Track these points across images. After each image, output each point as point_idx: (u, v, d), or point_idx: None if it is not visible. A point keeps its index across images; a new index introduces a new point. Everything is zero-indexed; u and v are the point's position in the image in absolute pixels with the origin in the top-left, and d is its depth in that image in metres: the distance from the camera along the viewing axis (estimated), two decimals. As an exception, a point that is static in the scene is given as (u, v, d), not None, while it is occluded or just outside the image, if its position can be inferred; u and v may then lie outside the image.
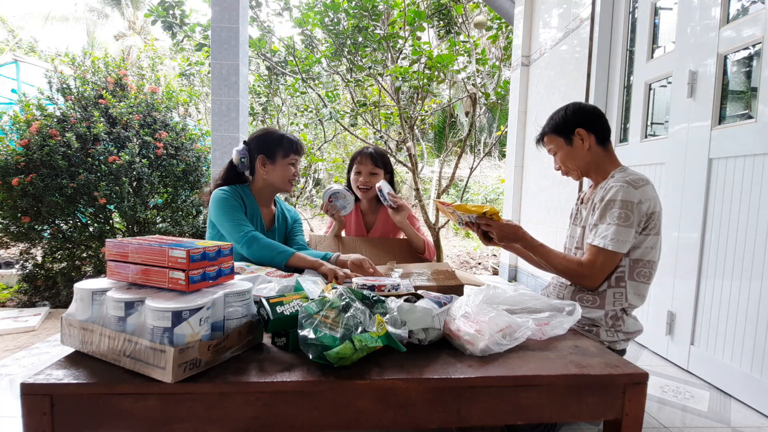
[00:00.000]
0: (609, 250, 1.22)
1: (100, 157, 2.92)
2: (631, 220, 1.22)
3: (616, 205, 1.23)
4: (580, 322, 1.30)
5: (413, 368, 0.83)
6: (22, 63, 5.62)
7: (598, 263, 1.25)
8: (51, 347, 2.09)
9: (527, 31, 3.78)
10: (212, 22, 3.12)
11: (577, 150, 1.38)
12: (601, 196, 1.31)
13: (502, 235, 1.35)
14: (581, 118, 1.37)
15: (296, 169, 1.69)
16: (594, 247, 1.25)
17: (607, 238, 1.22)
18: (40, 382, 0.74)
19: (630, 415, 0.84)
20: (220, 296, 0.84)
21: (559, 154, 1.42)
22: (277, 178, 1.66)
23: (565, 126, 1.38)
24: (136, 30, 15.87)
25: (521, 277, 3.91)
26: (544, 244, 1.34)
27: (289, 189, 1.71)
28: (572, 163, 1.40)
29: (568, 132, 1.38)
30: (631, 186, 1.24)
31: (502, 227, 1.34)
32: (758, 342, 1.58)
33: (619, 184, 1.26)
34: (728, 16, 1.80)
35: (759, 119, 1.61)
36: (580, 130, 1.36)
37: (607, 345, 1.28)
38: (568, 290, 1.37)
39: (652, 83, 2.30)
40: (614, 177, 1.33)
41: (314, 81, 5.03)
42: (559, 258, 1.32)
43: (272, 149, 1.63)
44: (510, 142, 4.04)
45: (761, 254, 1.57)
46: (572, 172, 1.43)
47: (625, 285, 1.28)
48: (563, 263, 1.31)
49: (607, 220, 1.24)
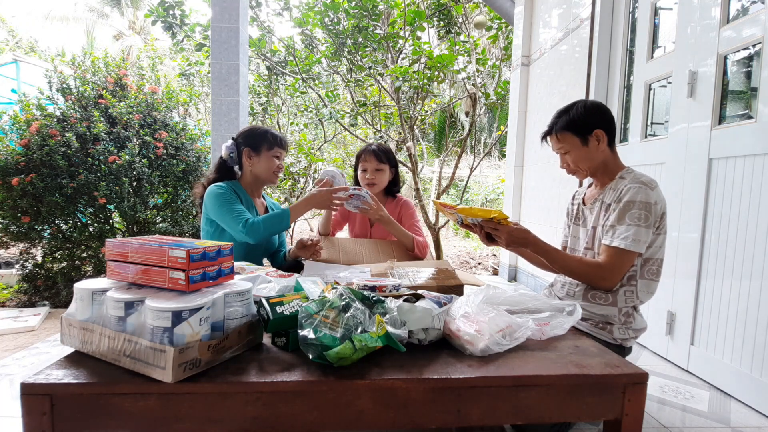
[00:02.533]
0: (630, 251, 1.22)
1: (100, 157, 2.92)
2: (650, 221, 1.22)
3: (636, 206, 1.23)
4: (593, 319, 1.30)
5: (413, 368, 0.83)
6: (22, 63, 5.62)
7: (618, 265, 1.23)
8: (51, 347, 2.09)
9: (527, 31, 3.78)
10: (212, 22, 3.12)
11: (592, 151, 1.34)
12: (615, 197, 1.29)
13: (511, 240, 1.29)
14: (600, 118, 1.33)
15: (280, 162, 1.77)
16: (614, 249, 1.23)
17: (628, 239, 1.21)
18: (40, 382, 0.74)
19: (630, 415, 0.84)
20: (220, 296, 0.84)
21: (571, 153, 1.36)
22: (262, 169, 1.73)
23: (584, 126, 1.32)
24: (136, 30, 15.87)
25: (521, 277, 3.91)
26: (556, 248, 1.32)
27: (274, 180, 1.78)
28: (584, 163, 1.35)
29: (585, 132, 1.32)
30: (647, 187, 1.24)
31: (511, 232, 1.28)
32: (758, 342, 1.58)
33: (635, 185, 1.25)
34: (728, 16, 1.80)
35: (759, 119, 1.61)
36: (599, 132, 1.32)
37: (619, 342, 1.28)
38: (579, 288, 1.35)
39: (652, 83, 2.30)
40: (626, 178, 1.31)
41: (314, 81, 5.03)
42: (575, 261, 1.30)
43: (257, 142, 1.72)
44: (510, 142, 4.04)
45: (761, 254, 1.57)
46: (581, 172, 1.38)
47: (636, 283, 1.29)
48: (581, 267, 1.28)
49: (627, 221, 1.23)
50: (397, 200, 2.12)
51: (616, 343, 1.28)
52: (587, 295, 1.32)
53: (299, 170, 5.50)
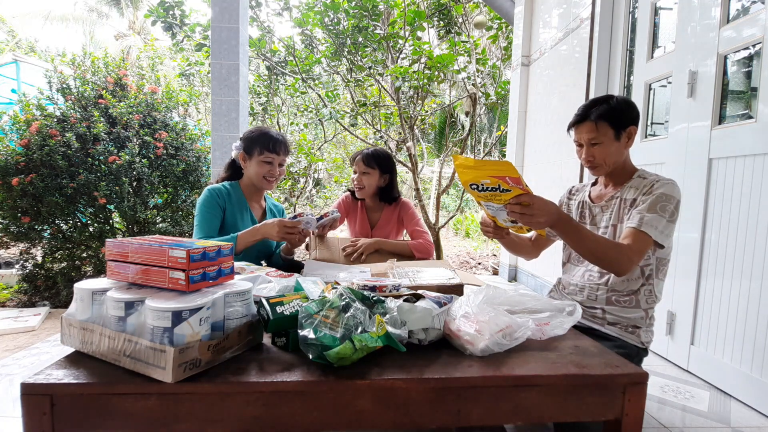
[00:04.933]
0: (655, 241, 1.18)
1: (100, 157, 2.92)
2: (674, 217, 1.21)
3: (668, 201, 1.21)
4: (621, 324, 1.27)
5: (413, 368, 0.83)
6: (22, 63, 5.61)
7: (642, 250, 1.18)
8: (51, 347, 2.09)
9: (527, 31, 3.78)
10: (212, 22, 3.12)
11: (621, 146, 1.29)
12: (641, 191, 1.26)
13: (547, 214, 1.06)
14: (636, 115, 1.30)
15: (273, 167, 1.68)
16: (642, 234, 1.18)
17: (657, 229, 1.18)
18: (40, 382, 0.74)
19: (630, 415, 0.84)
20: (220, 296, 0.84)
21: (602, 145, 1.28)
22: (252, 173, 1.70)
23: (622, 119, 1.27)
24: (135, 30, 15.86)
25: (521, 277, 3.91)
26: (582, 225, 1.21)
27: (265, 186, 1.72)
28: (612, 158, 1.30)
29: (620, 126, 1.27)
30: (676, 186, 1.24)
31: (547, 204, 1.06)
32: (758, 342, 1.58)
33: (667, 181, 1.25)
34: (728, 16, 1.80)
35: (759, 119, 1.61)
36: (633, 128, 1.29)
37: (645, 346, 1.27)
38: (602, 290, 1.31)
39: (652, 83, 2.30)
40: (646, 177, 1.30)
41: (314, 81, 5.03)
42: (604, 239, 1.20)
43: (250, 146, 1.69)
44: (510, 142, 4.04)
45: (761, 254, 1.57)
46: (603, 168, 1.32)
47: (653, 283, 1.28)
48: (611, 245, 1.17)
49: (658, 211, 1.19)
50: (394, 204, 2.11)
51: (643, 346, 1.26)
52: (611, 298, 1.29)
53: (299, 170, 5.50)
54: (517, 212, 1.05)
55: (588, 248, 1.16)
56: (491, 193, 1.07)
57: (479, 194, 1.09)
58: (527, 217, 1.05)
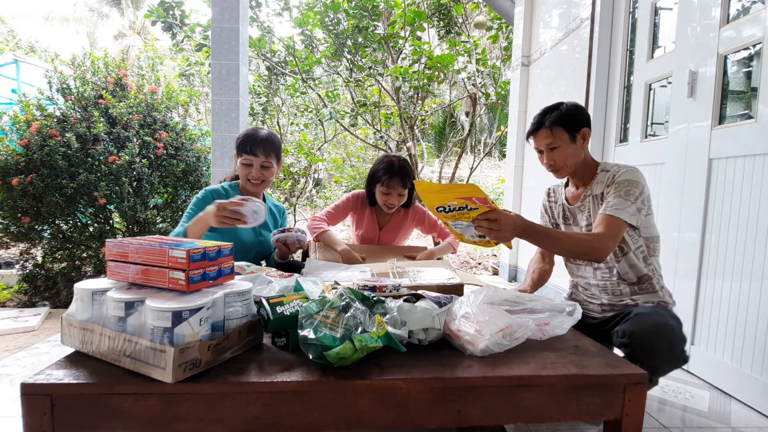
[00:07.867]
0: (624, 221, 1.26)
1: (100, 157, 2.92)
2: (643, 198, 1.30)
3: (631, 185, 1.30)
4: (653, 301, 1.37)
5: (413, 368, 0.83)
6: (22, 63, 5.61)
7: (616, 233, 1.25)
8: (51, 347, 2.09)
9: (527, 31, 3.78)
10: (212, 23, 3.12)
11: (577, 148, 1.40)
12: (606, 182, 1.36)
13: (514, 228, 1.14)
14: (586, 118, 1.40)
15: (253, 169, 1.62)
16: (611, 217, 1.26)
17: (625, 211, 1.26)
18: (40, 382, 0.74)
19: (630, 415, 0.84)
20: (220, 296, 0.84)
21: (560, 149, 1.39)
22: (239, 174, 1.69)
23: (574, 122, 1.37)
24: (136, 30, 15.87)
25: (521, 277, 3.91)
26: (548, 228, 1.37)
27: (250, 188, 1.66)
28: (571, 160, 1.40)
29: (574, 129, 1.38)
30: (638, 171, 1.34)
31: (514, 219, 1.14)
32: (758, 342, 1.58)
33: (627, 168, 1.34)
34: (728, 16, 1.80)
35: (759, 119, 1.61)
36: (586, 130, 1.39)
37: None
38: (623, 287, 1.39)
39: (652, 83, 2.30)
40: (609, 169, 1.39)
41: (314, 81, 5.03)
42: (574, 235, 1.31)
43: (237, 147, 1.66)
44: (510, 142, 4.04)
45: (761, 254, 1.57)
46: (565, 170, 1.43)
47: (653, 262, 1.38)
48: (583, 238, 1.25)
49: (623, 196, 1.29)
50: (407, 209, 2.07)
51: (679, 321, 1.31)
52: (634, 292, 1.38)
53: (299, 170, 5.50)
54: (485, 227, 1.13)
55: (561, 247, 1.28)
56: (459, 213, 1.15)
57: (446, 215, 1.17)
58: (495, 232, 1.13)
